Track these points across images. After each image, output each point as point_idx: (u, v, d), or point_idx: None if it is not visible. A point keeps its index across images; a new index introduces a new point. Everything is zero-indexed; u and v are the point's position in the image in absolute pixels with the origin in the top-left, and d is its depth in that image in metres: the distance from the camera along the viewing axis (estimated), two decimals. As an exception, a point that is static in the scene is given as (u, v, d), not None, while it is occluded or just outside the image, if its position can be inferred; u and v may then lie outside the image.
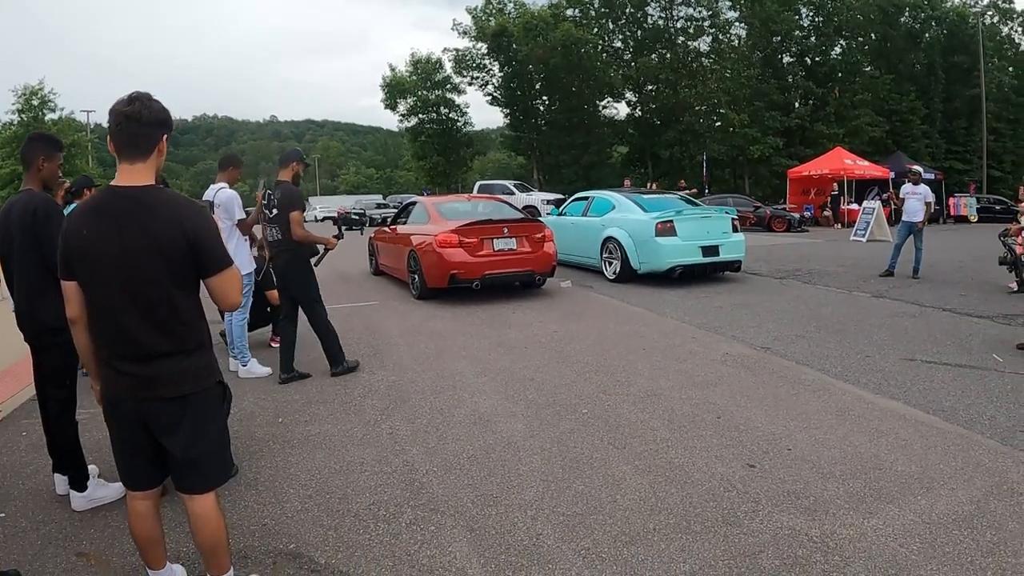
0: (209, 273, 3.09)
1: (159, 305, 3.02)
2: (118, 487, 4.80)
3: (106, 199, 3.06)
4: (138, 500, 3.33)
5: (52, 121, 49.24)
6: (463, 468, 5.12)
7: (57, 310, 4.60)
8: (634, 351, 8.52)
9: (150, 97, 3.10)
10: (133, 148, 3.03)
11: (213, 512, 3.27)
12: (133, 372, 3.06)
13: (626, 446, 5.45)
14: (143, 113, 3.02)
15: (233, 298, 3.22)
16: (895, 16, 54.67)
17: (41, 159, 4.64)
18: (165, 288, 3.01)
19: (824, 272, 15.70)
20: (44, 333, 4.60)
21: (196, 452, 3.17)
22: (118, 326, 3.04)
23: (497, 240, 12.11)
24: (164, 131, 3.12)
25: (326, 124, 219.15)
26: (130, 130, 3.02)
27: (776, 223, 31.02)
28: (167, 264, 2.98)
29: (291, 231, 7.40)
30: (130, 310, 3.00)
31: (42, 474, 5.26)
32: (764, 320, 10.27)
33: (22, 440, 6.13)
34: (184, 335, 3.10)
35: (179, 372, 3.08)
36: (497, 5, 59.82)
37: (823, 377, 7.27)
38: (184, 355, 3.10)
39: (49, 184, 4.80)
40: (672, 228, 13.51)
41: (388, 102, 63.42)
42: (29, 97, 48.79)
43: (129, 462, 3.28)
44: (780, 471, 4.91)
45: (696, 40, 55.41)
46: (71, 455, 4.77)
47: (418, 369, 7.95)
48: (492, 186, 36.98)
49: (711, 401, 6.49)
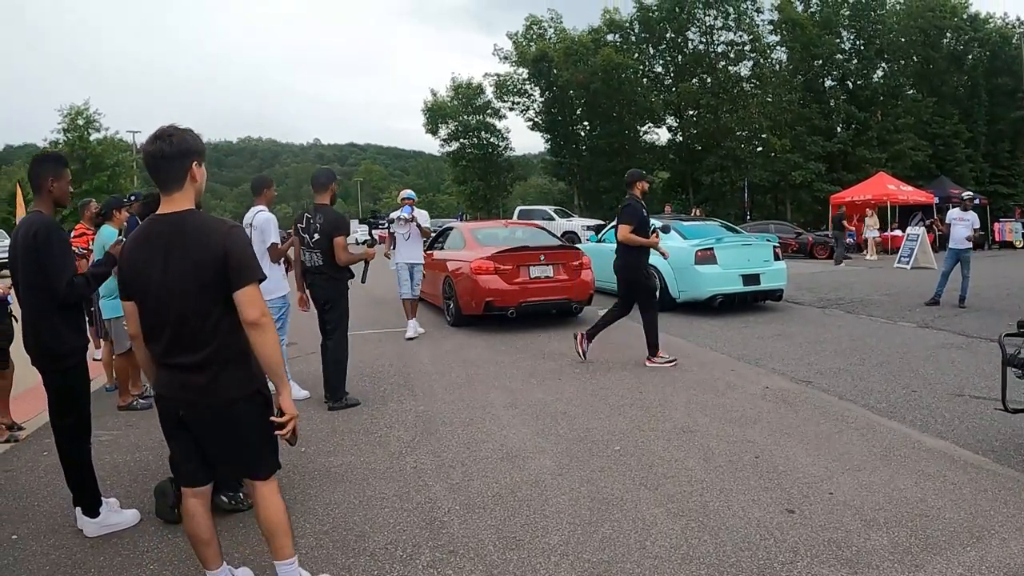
0: (236, 286, 3.19)
1: (199, 321, 3.21)
2: (132, 514, 4.78)
3: (150, 227, 3.33)
4: (189, 498, 3.53)
5: (97, 141, 49.84)
6: (487, 507, 4.92)
7: (60, 334, 4.53)
8: (671, 383, 8.29)
9: (173, 130, 3.27)
10: (166, 181, 3.27)
11: (269, 496, 3.51)
12: (179, 380, 3.29)
13: (659, 487, 5.21)
14: (165, 149, 3.21)
15: (250, 314, 3.20)
16: (937, 38, 53.94)
17: (50, 180, 4.62)
18: (203, 305, 3.21)
19: (867, 301, 15.36)
20: (47, 357, 4.54)
21: (229, 456, 3.47)
22: (164, 340, 3.27)
23: (534, 267, 11.94)
24: (192, 159, 3.29)
25: (368, 148, 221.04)
26: (158, 166, 3.25)
27: (818, 250, 30.58)
28: (203, 282, 3.18)
29: (336, 256, 7.44)
30: (174, 325, 3.22)
31: (59, 496, 5.20)
32: (806, 352, 9.99)
33: (42, 460, 6.09)
34: (223, 347, 3.26)
35: (220, 382, 3.27)
36: (538, 31, 59.90)
37: (867, 414, 6.98)
38: (223, 366, 3.28)
39: (61, 202, 4.75)
40: (712, 256, 13.30)
41: (429, 127, 63.93)
42: (74, 117, 49.45)
43: (178, 458, 3.60)
44: (820, 517, 4.65)
45: (737, 65, 55.09)
46: (83, 481, 4.65)
47: (448, 399, 7.78)
48: (532, 212, 36.90)
49: (750, 439, 6.23)
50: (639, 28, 55.97)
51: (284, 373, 3.42)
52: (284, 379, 3.40)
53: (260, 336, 3.21)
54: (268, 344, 3.24)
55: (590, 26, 58.42)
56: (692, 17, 53.34)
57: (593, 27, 57.91)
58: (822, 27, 51.85)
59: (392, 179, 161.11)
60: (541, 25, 60.08)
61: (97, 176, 48.02)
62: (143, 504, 5.03)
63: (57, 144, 49.06)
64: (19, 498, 5.32)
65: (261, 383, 3.43)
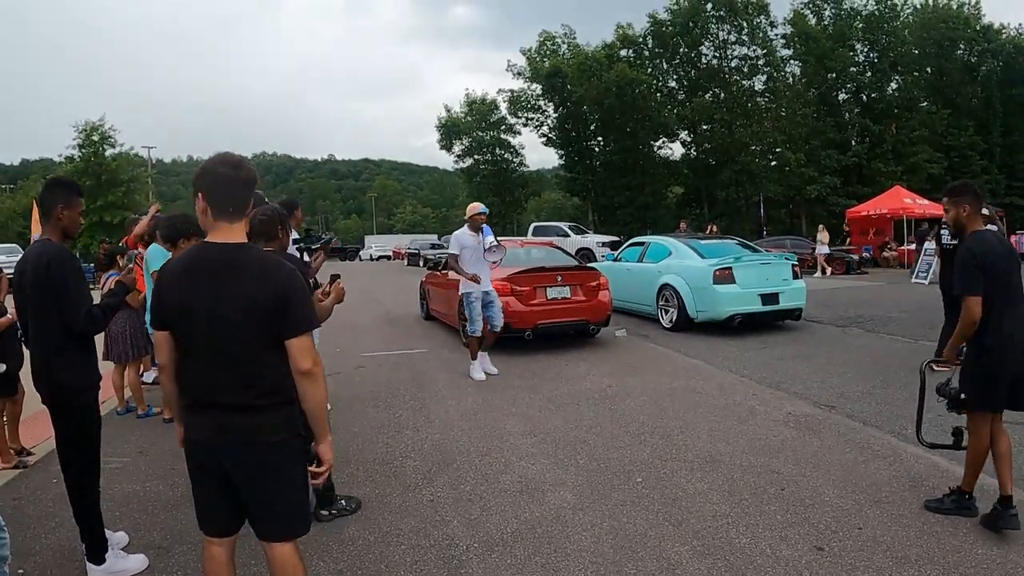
0: (291, 334, 3.07)
1: (245, 361, 3.06)
2: (139, 560, 4.61)
3: (201, 255, 3.14)
4: (214, 546, 3.32)
5: (112, 157, 49.96)
6: (506, 545, 4.79)
7: (75, 369, 4.38)
8: (692, 409, 8.15)
9: (242, 159, 3.21)
10: (232, 209, 3.13)
11: (292, 561, 3.27)
12: (215, 420, 3.09)
13: (683, 523, 5.07)
14: (242, 175, 3.14)
15: (302, 363, 3.08)
16: (950, 50, 53.90)
17: (60, 207, 4.45)
18: (251, 344, 3.05)
19: (887, 318, 15.20)
20: (60, 393, 4.39)
21: (271, 503, 3.19)
22: (204, 377, 3.10)
23: (550, 288, 11.82)
24: (253, 191, 3.26)
25: (383, 163, 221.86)
26: (233, 191, 3.13)
27: (834, 265, 30.37)
28: (255, 322, 3.03)
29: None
30: (216, 363, 3.06)
31: (66, 528, 5.06)
32: (827, 374, 9.84)
33: (51, 488, 5.98)
34: (267, 390, 3.10)
35: (259, 424, 3.08)
36: (551, 46, 60.01)
37: (893, 441, 6.82)
38: (266, 410, 3.10)
39: (69, 233, 4.57)
40: (731, 275, 13.17)
41: (444, 142, 64.22)
42: (90, 133, 49.48)
43: (205, 507, 3.29)
44: (851, 555, 4.50)
45: (751, 79, 55.03)
46: (89, 524, 4.49)
47: (464, 427, 7.65)
48: (547, 228, 36.83)
49: (774, 469, 6.09)
50: (652, 43, 56.06)
51: (327, 422, 3.28)
52: (326, 428, 3.27)
53: (311, 385, 3.11)
54: (318, 394, 3.15)
55: (603, 41, 58.60)
56: (705, 32, 53.40)
57: (606, 42, 58.03)
58: (836, 40, 51.84)
59: (407, 194, 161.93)
60: (555, 41, 60.32)
61: (112, 192, 48.00)
62: (154, 538, 4.95)
63: (72, 159, 49.08)
64: (25, 528, 5.20)
65: (301, 427, 3.25)
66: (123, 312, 7.94)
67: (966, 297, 4.83)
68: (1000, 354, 4.79)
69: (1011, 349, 4.80)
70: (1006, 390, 4.85)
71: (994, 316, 4.79)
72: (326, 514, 5.38)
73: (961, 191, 5.15)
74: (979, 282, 4.78)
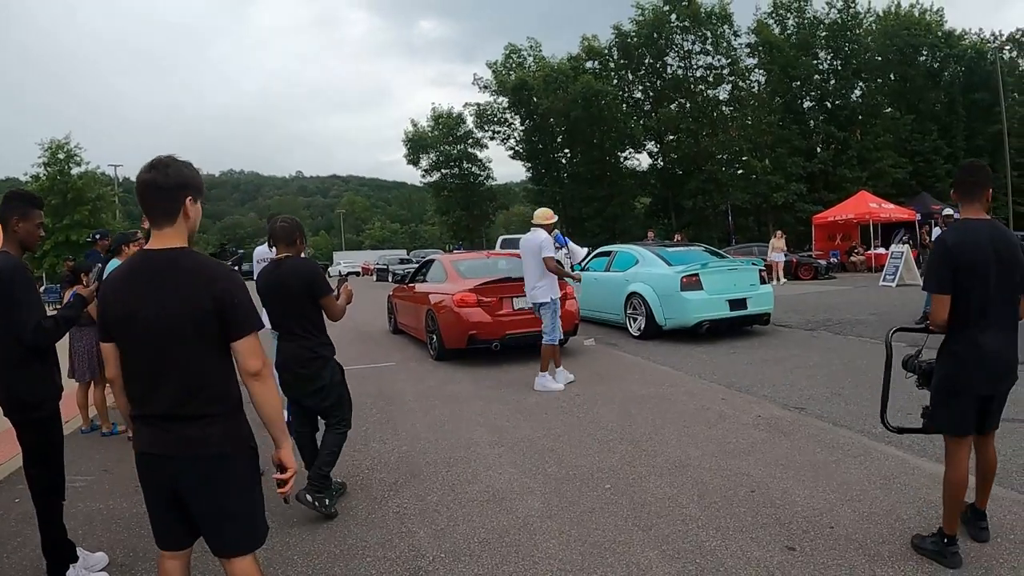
0: (235, 335, 3.02)
1: (188, 368, 2.99)
2: None
3: (140, 263, 3.10)
4: (167, 559, 3.26)
5: (78, 175, 49.68)
6: (473, 554, 4.70)
7: (33, 384, 4.25)
8: (660, 415, 8.10)
9: (170, 161, 3.10)
10: (157, 215, 3.06)
11: (249, 572, 3.18)
12: (163, 431, 3.03)
13: (652, 527, 5.00)
14: (158, 180, 3.03)
15: (251, 364, 3.03)
16: (913, 56, 54.60)
17: (15, 219, 4.34)
18: (195, 350, 2.99)
19: (856, 321, 15.24)
20: (18, 409, 4.27)
21: (220, 518, 3.11)
22: (149, 387, 3.04)
23: (517, 299, 11.70)
24: (187, 193, 3.10)
25: (351, 179, 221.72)
26: (150, 197, 3.05)
27: (802, 271, 30.51)
28: (196, 327, 2.96)
29: None
30: (160, 372, 3.00)
31: (29, 546, 4.99)
32: (796, 377, 9.83)
33: (14, 508, 5.87)
34: (213, 398, 3.04)
35: (205, 436, 3.00)
36: (517, 59, 60.19)
37: (863, 440, 6.80)
38: (213, 419, 3.03)
39: (27, 245, 4.47)
40: (698, 282, 13.17)
41: (411, 157, 64.38)
42: (55, 151, 49.25)
43: (159, 520, 3.22)
44: (822, 554, 4.46)
45: (716, 88, 55.50)
46: (52, 543, 4.38)
47: (432, 438, 7.56)
48: (515, 240, 36.71)
49: (745, 472, 6.04)
50: (618, 54, 56.51)
51: (284, 426, 3.19)
52: (285, 432, 3.18)
53: (261, 387, 3.04)
54: (270, 395, 3.08)
55: (569, 54, 59.10)
56: (670, 42, 53.83)
57: (572, 55, 58.41)
58: (799, 49, 52.49)
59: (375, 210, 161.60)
60: (520, 54, 60.53)
61: (78, 210, 47.78)
62: (116, 556, 4.83)
63: (38, 178, 48.84)
64: (-15, 550, 5.06)
65: (252, 438, 3.19)
66: (88, 329, 7.85)
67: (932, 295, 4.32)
68: (968, 369, 4.27)
69: (981, 365, 4.24)
70: (974, 411, 4.33)
71: (971, 324, 4.22)
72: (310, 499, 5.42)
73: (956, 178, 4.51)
74: (946, 280, 4.20)
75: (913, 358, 4.78)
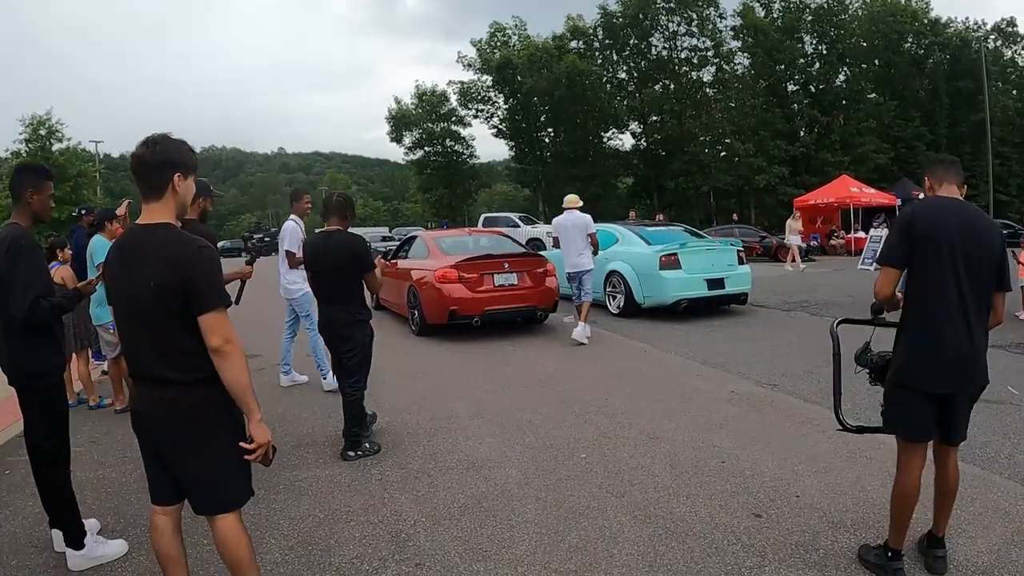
0: (197, 312, 3.08)
1: (164, 336, 3.11)
2: (119, 544, 4.58)
3: (127, 236, 3.32)
4: (157, 515, 3.41)
5: (59, 151, 49.17)
6: (453, 519, 4.87)
7: (34, 353, 4.32)
8: (637, 390, 8.28)
9: (162, 138, 3.24)
10: (145, 190, 3.20)
11: (233, 533, 3.32)
12: (148, 390, 3.21)
13: (625, 494, 5.19)
14: (147, 156, 3.17)
15: (212, 340, 3.07)
16: (898, 43, 54.75)
17: (29, 192, 4.39)
18: (165, 323, 3.09)
19: (833, 303, 15.44)
20: (20, 377, 4.33)
21: (194, 477, 3.27)
22: (134, 351, 3.24)
23: (498, 275, 11.88)
24: (175, 170, 3.21)
25: (334, 156, 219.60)
26: (140, 172, 3.20)
27: (783, 253, 30.67)
28: (163, 302, 3.05)
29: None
30: (141, 339, 3.16)
31: (21, 516, 5.12)
32: (771, 355, 10.03)
33: (3, 480, 5.94)
34: (190, 366, 3.13)
35: (183, 400, 3.14)
36: (502, 38, 60.06)
37: (832, 415, 6.97)
38: (189, 385, 3.14)
39: (40, 216, 4.52)
40: (677, 261, 13.33)
41: (394, 135, 64.01)
42: (36, 127, 48.66)
43: (150, 475, 3.39)
44: (788, 520, 4.66)
45: (700, 70, 55.60)
46: (64, 511, 4.44)
47: (413, 410, 7.71)
48: (497, 219, 36.75)
49: (716, 444, 6.23)
50: (603, 34, 56.55)
51: (253, 399, 3.23)
52: (254, 405, 3.23)
53: (224, 363, 3.10)
54: (234, 370, 3.12)
55: (554, 33, 59.11)
56: (655, 23, 53.90)
57: (557, 34, 58.33)
58: (784, 32, 52.66)
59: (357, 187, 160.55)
60: (505, 32, 60.49)
61: (60, 187, 47.35)
62: (107, 523, 4.94)
63: (19, 154, 48.22)
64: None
65: (231, 406, 3.23)
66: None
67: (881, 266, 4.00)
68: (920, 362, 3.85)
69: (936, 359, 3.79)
70: (930, 413, 3.89)
71: (929, 310, 3.81)
72: (352, 455, 6.11)
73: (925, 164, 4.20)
74: (898, 253, 3.85)
75: (864, 352, 4.49)
